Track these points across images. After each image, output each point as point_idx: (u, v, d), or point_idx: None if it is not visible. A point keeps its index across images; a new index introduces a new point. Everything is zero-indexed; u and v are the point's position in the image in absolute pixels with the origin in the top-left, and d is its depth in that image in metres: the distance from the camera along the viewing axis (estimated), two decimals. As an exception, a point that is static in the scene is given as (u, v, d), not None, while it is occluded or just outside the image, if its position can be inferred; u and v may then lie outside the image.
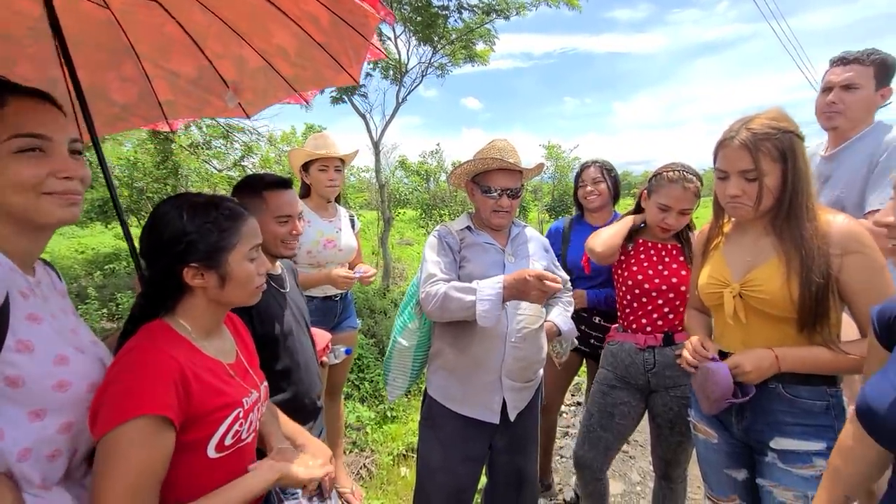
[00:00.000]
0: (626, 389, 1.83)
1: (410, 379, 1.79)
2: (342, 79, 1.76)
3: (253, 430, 1.05)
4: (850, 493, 0.98)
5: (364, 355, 3.96)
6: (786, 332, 1.22)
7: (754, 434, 1.29)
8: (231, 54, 1.75)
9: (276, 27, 1.60)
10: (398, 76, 6.17)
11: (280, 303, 1.41)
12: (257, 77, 1.82)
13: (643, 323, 1.81)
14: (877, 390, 0.84)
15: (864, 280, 1.15)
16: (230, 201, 1.04)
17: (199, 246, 0.95)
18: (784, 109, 1.25)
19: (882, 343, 0.93)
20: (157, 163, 6.01)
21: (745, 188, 1.22)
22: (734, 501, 1.39)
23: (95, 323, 4.37)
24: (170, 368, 0.87)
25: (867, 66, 1.72)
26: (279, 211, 1.42)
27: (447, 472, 1.60)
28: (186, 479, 0.92)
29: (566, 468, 2.86)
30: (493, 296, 1.42)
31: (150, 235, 0.97)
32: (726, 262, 1.35)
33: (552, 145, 12.97)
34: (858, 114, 1.75)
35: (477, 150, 1.73)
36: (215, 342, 1.03)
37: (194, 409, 0.89)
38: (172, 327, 0.96)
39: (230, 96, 1.84)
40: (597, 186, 2.27)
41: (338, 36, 1.60)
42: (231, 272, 0.99)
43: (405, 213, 10.66)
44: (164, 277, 0.97)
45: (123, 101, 1.85)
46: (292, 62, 1.75)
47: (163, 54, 1.75)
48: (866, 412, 0.85)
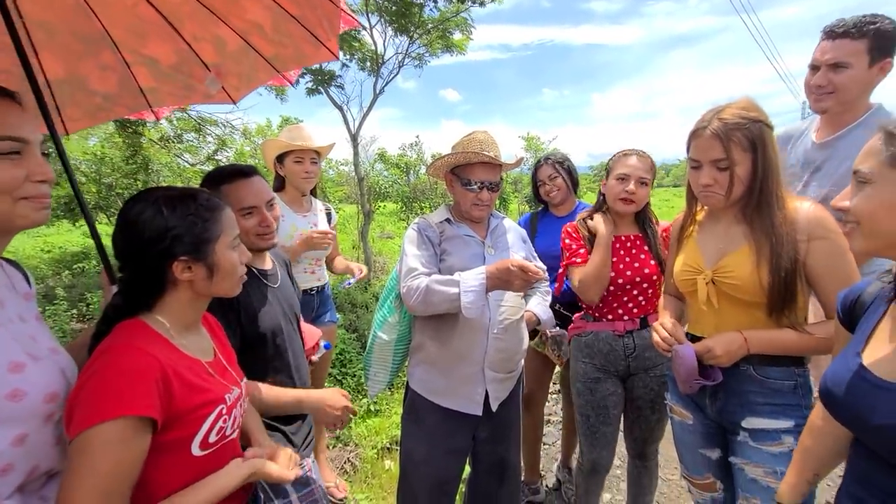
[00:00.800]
0: (609, 379, 1.85)
1: (391, 373, 1.79)
2: (322, 54, 1.76)
3: (237, 426, 1.04)
4: (820, 472, 1.03)
5: (346, 350, 3.93)
6: (756, 317, 1.26)
7: (727, 415, 1.33)
8: (209, 36, 1.71)
9: (249, 1, 1.58)
10: (375, 67, 6.09)
11: (268, 298, 1.38)
12: (239, 60, 1.79)
13: (619, 313, 1.83)
14: (835, 372, 0.88)
15: (829, 264, 1.19)
16: (205, 192, 1.02)
17: (185, 239, 0.93)
18: (754, 99, 1.27)
19: (845, 326, 0.97)
20: (126, 157, 5.81)
21: (716, 177, 1.25)
22: (708, 479, 1.44)
23: (65, 324, 4.22)
24: (150, 367, 0.84)
25: (858, 39, 1.51)
26: (241, 203, 1.34)
27: (431, 465, 1.61)
28: (172, 477, 0.91)
29: (549, 455, 2.92)
30: (476, 287, 1.43)
31: (127, 235, 0.94)
32: (700, 250, 1.38)
33: (531, 137, 13.04)
34: (850, 94, 1.56)
35: (457, 141, 1.71)
36: (193, 340, 1.01)
37: (176, 407, 0.87)
38: (150, 325, 0.93)
39: (211, 80, 1.80)
40: (554, 182, 2.29)
41: (310, 5, 1.58)
42: (218, 262, 0.98)
43: (385, 207, 10.58)
44: (147, 275, 0.94)
45: (104, 91, 1.79)
46: (270, 39, 1.72)
47: (139, 39, 1.70)
48: (826, 393, 0.89)
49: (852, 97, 1.57)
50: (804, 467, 1.03)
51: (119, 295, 0.96)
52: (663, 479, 2.66)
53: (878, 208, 0.77)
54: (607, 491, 2.55)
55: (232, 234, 1.02)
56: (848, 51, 1.52)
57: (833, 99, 1.59)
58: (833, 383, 0.87)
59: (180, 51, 1.74)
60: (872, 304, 0.90)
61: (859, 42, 1.51)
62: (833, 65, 1.55)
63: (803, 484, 1.03)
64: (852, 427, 0.86)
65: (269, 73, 1.84)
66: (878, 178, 0.76)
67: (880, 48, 1.50)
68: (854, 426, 0.84)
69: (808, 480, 1.03)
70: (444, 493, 1.65)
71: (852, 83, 1.54)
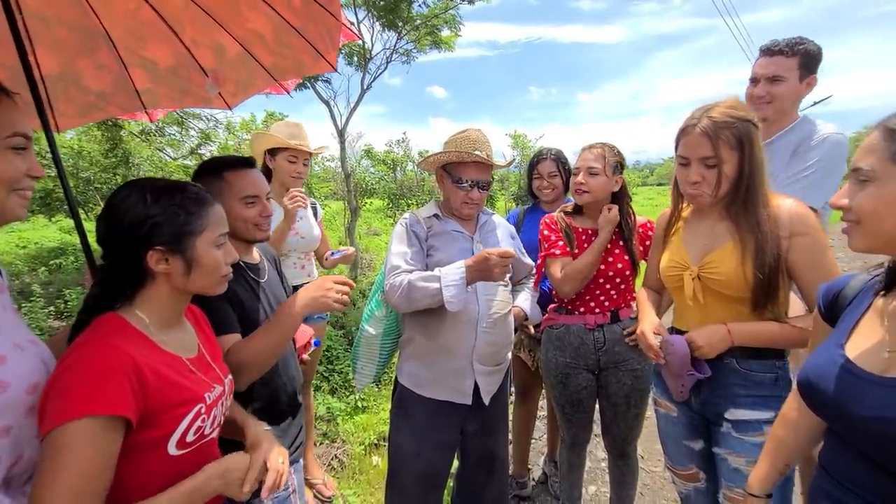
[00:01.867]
0: (581, 373, 1.87)
1: (378, 367, 1.79)
2: (321, 66, 1.77)
3: (216, 425, 1.02)
4: (791, 462, 1.05)
5: (333, 347, 3.91)
6: (740, 311, 1.29)
7: (711, 406, 1.37)
8: (209, 41, 1.71)
9: (250, 11, 1.59)
10: (363, 62, 6.04)
11: (255, 293, 1.35)
12: (238, 66, 1.80)
13: (591, 306, 1.86)
14: (817, 364, 0.88)
15: (810, 259, 1.22)
16: (195, 186, 1.00)
17: (164, 229, 0.91)
18: (740, 98, 1.30)
19: (825, 319, 0.99)
20: (105, 151, 5.66)
21: (704, 174, 1.27)
22: (692, 470, 1.47)
23: (42, 322, 4.11)
24: (123, 365, 0.82)
25: (790, 57, 1.75)
26: (244, 192, 1.32)
27: (420, 459, 1.62)
28: (146, 477, 0.89)
29: (535, 449, 2.95)
30: (457, 280, 1.46)
31: (108, 219, 0.92)
32: (685, 247, 1.41)
33: (518, 135, 13.08)
34: (785, 104, 1.80)
35: (449, 138, 1.71)
36: (175, 336, 0.99)
37: (151, 405, 0.85)
38: (128, 320, 0.91)
39: (210, 84, 1.81)
40: (552, 181, 2.25)
41: (311, 17, 1.59)
42: (198, 258, 0.95)
43: (372, 203, 10.52)
44: (124, 263, 0.92)
45: (98, 89, 1.78)
46: (271, 49, 1.74)
47: (138, 40, 1.69)
48: (806, 385, 0.89)
49: (787, 106, 1.80)
50: (776, 458, 1.05)
51: (99, 285, 0.94)
52: (647, 471, 2.72)
53: (880, 206, 0.76)
54: (592, 483, 2.59)
55: (217, 232, 0.99)
56: (783, 66, 1.75)
57: (771, 108, 1.81)
58: (815, 375, 0.87)
59: (179, 54, 1.74)
60: (857, 297, 0.91)
61: (792, 59, 1.75)
62: (771, 78, 1.78)
63: (774, 474, 1.05)
64: (833, 419, 0.86)
65: (266, 81, 1.86)
66: (881, 176, 0.75)
67: (807, 66, 1.75)
68: (835, 419, 0.85)
69: (780, 471, 1.05)
70: (432, 487, 1.66)
71: (787, 94, 1.77)
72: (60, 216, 6.42)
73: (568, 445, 2.04)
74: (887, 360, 0.78)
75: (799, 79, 1.76)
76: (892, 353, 0.78)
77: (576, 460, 2.07)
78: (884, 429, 0.74)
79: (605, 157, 1.79)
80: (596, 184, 1.79)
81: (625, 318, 1.87)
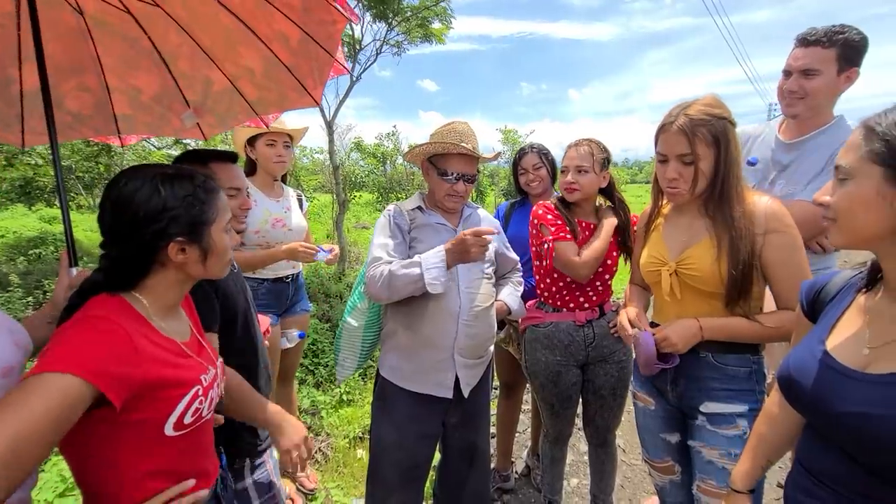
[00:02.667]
0: (570, 370, 1.88)
1: (360, 359, 1.79)
2: (305, 101, 1.78)
3: (213, 407, 1.04)
4: (773, 457, 1.06)
5: (319, 340, 3.90)
6: (715, 306, 1.31)
7: (686, 400, 1.39)
8: (198, 75, 1.72)
9: (246, 49, 1.60)
10: (352, 52, 5.98)
11: (234, 281, 1.37)
12: (221, 100, 1.80)
13: (580, 301, 1.87)
14: (798, 360, 0.89)
15: (783, 256, 1.24)
16: (202, 174, 0.99)
17: (182, 220, 0.91)
18: (718, 96, 1.31)
19: (807, 315, 0.99)
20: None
21: (681, 171, 1.28)
22: (668, 463, 1.50)
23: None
24: (118, 340, 0.82)
25: (828, 48, 1.57)
26: (229, 183, 1.39)
27: (401, 450, 1.62)
28: (140, 458, 0.89)
29: (519, 443, 2.97)
30: (438, 263, 1.48)
31: (119, 212, 0.90)
32: (664, 243, 1.43)
33: (508, 130, 13.10)
34: (819, 100, 1.63)
35: (435, 130, 1.70)
36: (172, 322, 0.99)
37: (147, 386, 0.85)
38: (129, 302, 0.91)
39: (188, 115, 1.82)
40: (538, 173, 2.26)
41: (305, 55, 1.60)
42: (213, 245, 0.97)
43: (361, 197, 10.44)
44: (137, 255, 0.91)
45: (77, 111, 1.77)
46: (258, 84, 1.74)
47: (128, 69, 1.70)
48: (786, 380, 0.90)
49: (821, 102, 1.64)
50: (758, 454, 1.06)
51: (100, 272, 0.93)
52: (628, 464, 2.76)
53: (854, 203, 0.77)
54: (574, 476, 2.63)
55: (226, 218, 1.01)
56: (819, 58, 1.58)
57: (803, 104, 1.65)
58: (796, 371, 0.88)
59: (165, 85, 1.74)
60: (839, 293, 0.92)
61: (829, 50, 1.57)
62: (804, 71, 1.61)
63: (757, 470, 1.06)
64: (811, 414, 0.87)
65: (247, 114, 1.86)
66: (857, 174, 0.76)
67: (847, 58, 1.57)
68: (814, 414, 0.86)
69: (762, 466, 1.06)
70: (413, 478, 1.66)
71: (821, 89, 1.61)
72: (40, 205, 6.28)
73: (551, 440, 2.06)
74: (867, 357, 0.79)
75: (837, 72, 1.58)
76: (873, 349, 0.79)
77: (558, 454, 2.10)
78: (861, 425, 0.75)
79: (594, 155, 1.79)
80: (586, 181, 1.80)
81: (609, 311, 1.89)
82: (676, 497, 1.52)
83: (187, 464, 0.98)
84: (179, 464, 0.96)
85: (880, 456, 0.74)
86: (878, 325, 0.80)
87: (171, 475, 0.95)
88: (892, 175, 0.72)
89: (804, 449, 0.91)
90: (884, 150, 0.72)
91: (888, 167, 0.72)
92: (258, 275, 2.18)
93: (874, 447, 0.74)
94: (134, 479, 0.88)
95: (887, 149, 0.72)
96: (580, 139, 1.86)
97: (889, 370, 0.75)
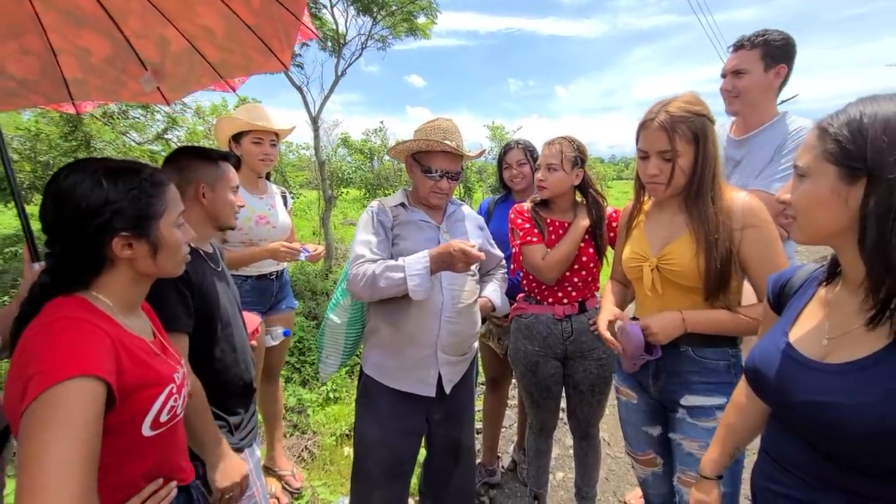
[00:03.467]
0: (549, 361, 1.91)
1: (343, 356, 1.78)
2: (272, 64, 1.71)
3: (185, 404, 1.02)
4: (740, 445, 1.10)
5: (305, 338, 3.87)
6: (695, 301, 1.33)
7: (667, 393, 1.41)
8: (152, 34, 1.62)
9: (204, 7, 1.52)
10: (336, 47, 5.91)
11: (214, 280, 1.35)
12: (180, 61, 1.71)
13: (560, 296, 1.89)
14: (762, 351, 0.92)
15: (759, 251, 1.26)
16: (148, 166, 0.97)
17: (127, 213, 0.88)
18: (697, 94, 1.33)
19: (773, 308, 1.02)
20: (65, 134, 5.39)
21: (662, 167, 1.30)
22: (650, 455, 1.53)
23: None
24: (100, 337, 0.80)
25: (752, 49, 1.75)
26: (234, 181, 1.43)
27: (385, 447, 1.62)
28: (118, 459, 0.87)
29: (505, 438, 2.99)
30: (421, 270, 1.47)
31: (60, 206, 0.87)
32: (646, 239, 1.44)
33: (496, 126, 13.06)
34: (752, 96, 1.78)
35: (420, 126, 1.69)
36: (135, 322, 0.97)
37: (127, 385, 0.83)
38: (91, 302, 0.88)
39: (147, 78, 1.72)
40: (521, 169, 2.28)
41: (268, 16, 1.54)
42: (162, 240, 0.94)
43: (348, 193, 10.34)
44: (82, 252, 0.88)
45: (21, 76, 1.66)
46: (219, 45, 1.66)
47: (73, 28, 1.58)
48: (752, 370, 0.93)
49: (755, 98, 1.78)
50: (727, 442, 1.09)
51: (47, 273, 0.89)
52: (612, 457, 2.80)
53: (812, 202, 0.79)
54: (559, 470, 2.66)
55: (176, 212, 0.98)
56: (745, 59, 1.76)
57: (739, 101, 1.82)
58: (761, 362, 0.91)
59: (117, 45, 1.64)
60: (802, 286, 0.95)
61: (753, 51, 1.75)
62: (735, 71, 1.79)
63: (725, 458, 1.10)
64: (775, 403, 0.90)
65: (211, 77, 1.79)
66: (814, 173, 0.78)
67: (771, 55, 1.73)
68: (777, 402, 0.88)
69: (730, 454, 1.10)
70: (398, 475, 1.66)
71: (751, 86, 1.77)
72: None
73: (535, 431, 2.09)
74: (826, 347, 0.82)
75: (764, 69, 1.75)
76: (831, 340, 0.82)
77: (543, 446, 2.12)
78: (819, 413, 0.78)
79: (563, 153, 1.80)
80: (555, 179, 1.82)
81: (591, 308, 1.91)
82: (659, 489, 1.55)
83: (165, 462, 0.97)
84: (157, 463, 0.95)
85: (837, 444, 0.77)
86: (836, 316, 0.83)
87: (151, 475, 0.94)
88: (846, 173, 0.74)
89: (769, 438, 0.93)
90: (836, 149, 0.74)
91: (841, 166, 0.74)
92: (242, 272, 2.15)
93: (831, 435, 0.77)
94: (116, 483, 0.87)
95: (840, 148, 0.74)
96: (554, 137, 1.88)
97: (845, 360, 0.78)
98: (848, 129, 0.74)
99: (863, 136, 0.72)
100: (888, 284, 0.71)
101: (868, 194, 0.72)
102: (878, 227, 0.70)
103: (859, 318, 0.78)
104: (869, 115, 0.72)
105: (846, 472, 0.78)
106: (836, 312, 0.83)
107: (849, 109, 0.76)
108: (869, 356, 0.75)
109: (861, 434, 0.73)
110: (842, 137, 0.74)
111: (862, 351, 0.76)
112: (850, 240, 0.76)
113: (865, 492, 0.77)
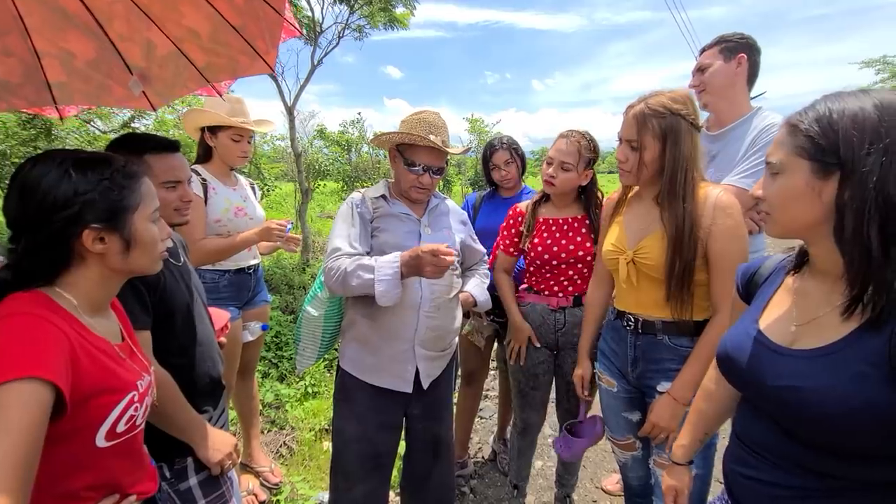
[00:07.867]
0: (539, 350, 1.94)
1: (321, 349, 1.75)
2: (258, 67, 1.67)
3: (146, 415, 0.96)
4: (710, 430, 1.13)
5: (282, 333, 3.80)
6: None
7: (645, 380, 1.45)
8: (138, 37, 1.57)
9: (188, 8, 1.47)
10: (312, 36, 5.78)
11: (175, 275, 1.29)
12: (166, 65, 1.66)
13: (555, 290, 1.91)
14: (733, 338, 0.94)
15: (724, 245, 1.29)
16: (121, 157, 0.91)
17: (98, 206, 0.83)
18: (691, 95, 1.35)
19: (742, 297, 1.05)
20: (24, 122, 5.10)
21: (628, 155, 1.34)
22: (629, 440, 1.57)
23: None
24: (57, 337, 0.75)
25: (711, 47, 1.89)
26: (166, 176, 1.29)
27: (363, 441, 1.60)
28: (67, 470, 0.81)
29: (486, 428, 3.02)
30: (389, 275, 1.41)
31: (26, 199, 0.81)
32: (624, 231, 1.47)
33: (475, 119, 13.05)
34: (716, 83, 1.85)
35: (406, 118, 1.65)
36: (102, 322, 0.91)
37: (82, 390, 0.77)
38: (52, 298, 0.82)
39: (134, 83, 1.65)
40: (508, 168, 2.30)
41: (253, 15, 1.50)
42: (136, 235, 0.88)
43: (326, 186, 10.18)
44: (49, 246, 0.82)
45: (3, 78, 1.58)
46: (205, 47, 1.62)
47: (58, 30, 1.52)
48: (724, 357, 0.95)
49: (721, 86, 1.87)
50: (697, 428, 1.12)
51: (10, 268, 0.83)
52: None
53: (786, 197, 0.81)
54: (539, 458, 2.70)
55: (152, 206, 0.93)
56: (706, 56, 1.90)
57: (706, 94, 1.89)
58: (732, 348, 0.93)
59: (102, 49, 1.58)
60: (771, 275, 0.98)
61: (713, 49, 1.89)
62: (699, 69, 1.91)
63: (695, 443, 1.13)
64: (746, 388, 0.92)
65: (198, 82, 1.73)
66: (786, 168, 0.80)
67: (729, 49, 1.85)
68: (749, 389, 0.91)
69: (700, 439, 1.13)
70: (376, 468, 1.64)
71: (714, 76, 1.87)
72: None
73: (519, 430, 2.09)
74: (794, 333, 0.84)
75: (724, 61, 1.84)
76: (799, 326, 0.84)
77: (525, 446, 2.13)
78: (789, 397, 0.80)
79: (581, 153, 1.79)
80: (565, 178, 1.80)
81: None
82: (637, 471, 1.60)
83: (119, 477, 0.91)
84: (112, 477, 0.90)
85: (806, 425, 0.80)
86: (803, 304, 0.85)
87: (101, 489, 0.88)
88: (819, 168, 0.75)
89: (740, 422, 0.96)
90: (808, 145, 0.76)
91: (815, 161, 0.76)
92: (220, 266, 2.08)
93: (801, 417, 0.79)
94: (62, 494, 0.81)
95: (811, 144, 0.76)
96: (572, 131, 1.83)
97: (813, 345, 0.80)
98: (819, 124, 0.75)
99: (834, 130, 0.73)
100: (866, 274, 0.72)
101: (842, 188, 0.73)
102: (854, 220, 0.72)
103: (827, 306, 0.80)
104: (837, 111, 0.74)
105: (813, 454, 0.81)
106: (803, 300, 0.86)
107: (817, 106, 0.77)
108: (836, 342, 0.77)
109: (828, 416, 0.75)
110: (813, 133, 0.75)
111: (829, 337, 0.78)
112: (822, 232, 0.78)
113: (832, 472, 0.80)
